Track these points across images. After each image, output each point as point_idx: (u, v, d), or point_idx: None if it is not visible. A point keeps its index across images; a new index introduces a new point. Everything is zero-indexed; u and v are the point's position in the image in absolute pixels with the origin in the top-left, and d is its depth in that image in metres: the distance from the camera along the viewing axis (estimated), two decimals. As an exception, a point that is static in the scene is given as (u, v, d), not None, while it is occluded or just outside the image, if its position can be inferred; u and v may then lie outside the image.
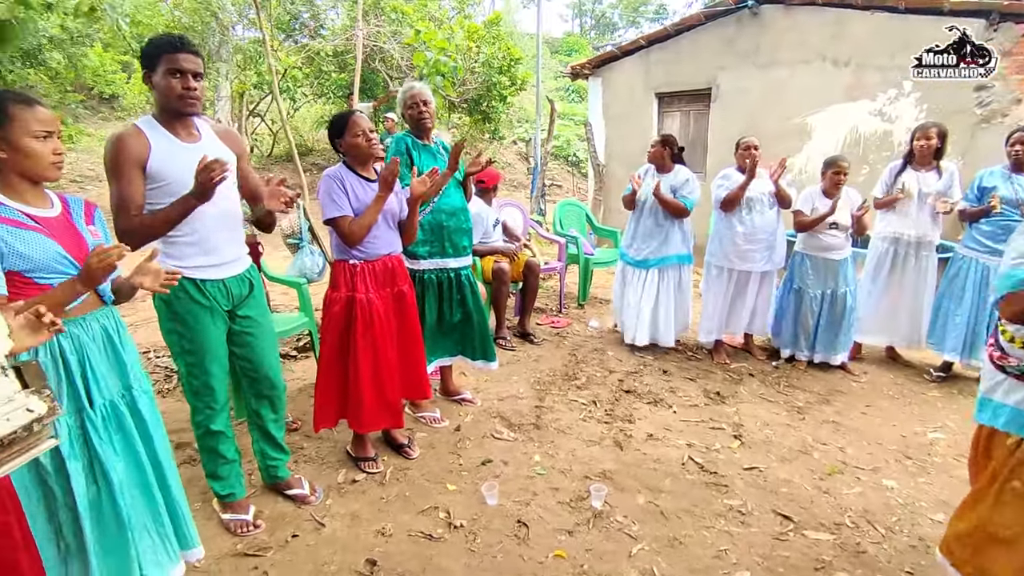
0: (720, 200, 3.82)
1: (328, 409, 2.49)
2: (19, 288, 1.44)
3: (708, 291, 4.08)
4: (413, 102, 2.89)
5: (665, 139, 4.00)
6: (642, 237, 4.07)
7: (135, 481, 1.64)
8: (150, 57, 1.87)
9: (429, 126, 2.95)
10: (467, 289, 3.05)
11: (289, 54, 8.89)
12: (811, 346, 3.92)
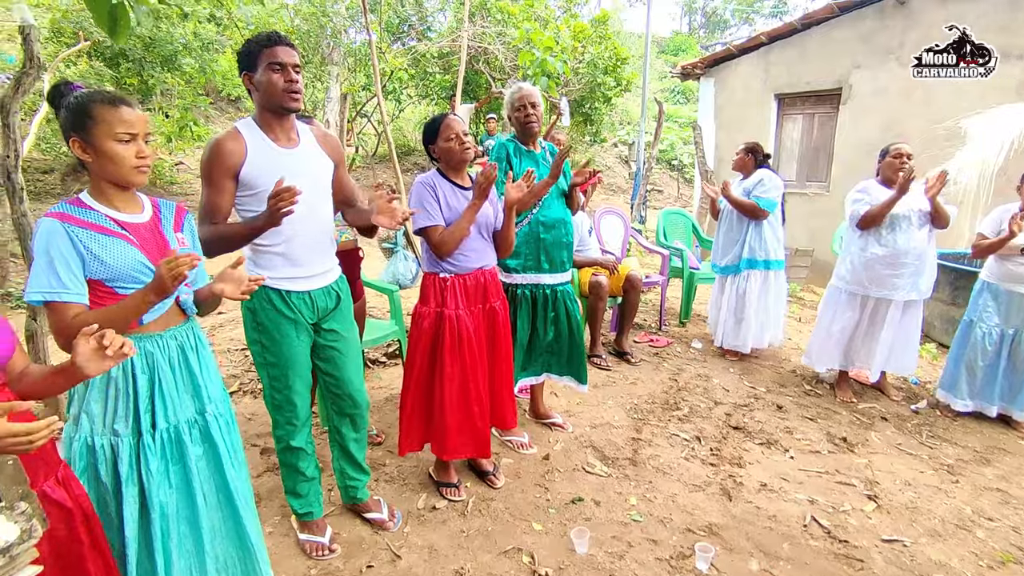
0: (858, 217, 3.32)
1: (414, 432, 2.36)
2: (101, 298, 1.39)
3: (830, 316, 3.56)
4: (521, 104, 2.70)
5: (750, 147, 4.02)
6: (724, 243, 4.10)
7: (185, 516, 1.53)
8: (249, 56, 1.80)
9: (536, 130, 2.75)
10: (562, 307, 2.82)
11: (396, 56, 9.09)
12: (973, 393, 3.31)
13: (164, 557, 1.47)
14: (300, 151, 1.93)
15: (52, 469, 1.24)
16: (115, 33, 1.02)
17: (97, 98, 1.37)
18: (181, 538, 1.52)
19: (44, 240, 1.32)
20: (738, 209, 3.95)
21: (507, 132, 10.50)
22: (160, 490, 1.46)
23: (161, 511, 1.46)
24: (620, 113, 15.81)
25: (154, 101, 9.42)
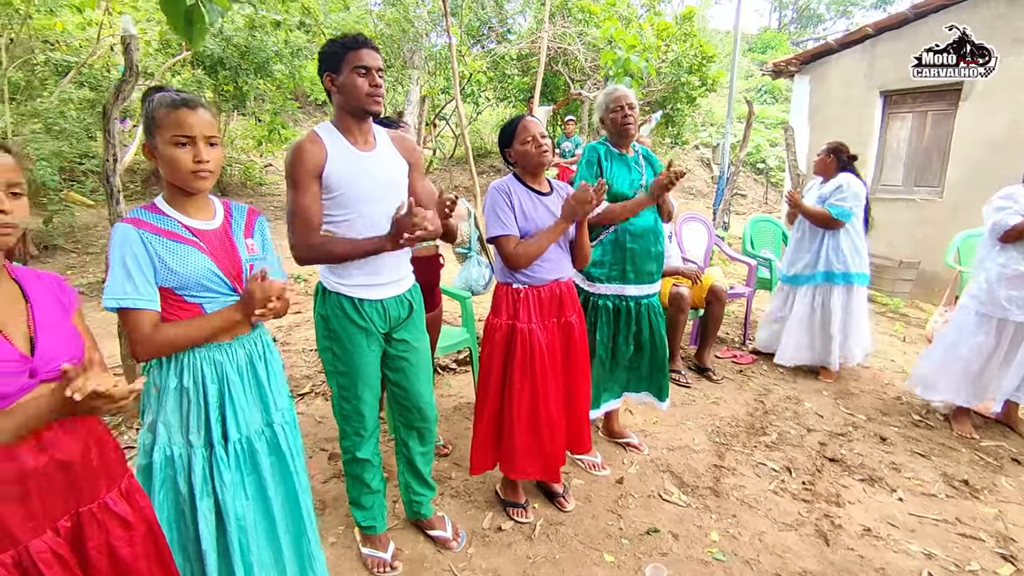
0: (1004, 228, 2.88)
1: (485, 451, 2.25)
2: (172, 305, 1.37)
3: (954, 339, 3.14)
4: (618, 105, 2.54)
5: (833, 147, 3.74)
6: (795, 250, 3.90)
7: (263, 528, 1.50)
8: (333, 57, 1.76)
9: (632, 133, 2.59)
10: (646, 320, 2.64)
11: (475, 59, 9.13)
12: None
13: (245, 571, 1.44)
14: (377, 154, 1.88)
15: (115, 480, 1.22)
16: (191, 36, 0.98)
17: (162, 102, 1.36)
18: (260, 550, 1.49)
19: (119, 246, 1.32)
20: (809, 219, 3.72)
21: (585, 135, 10.35)
22: (236, 502, 1.43)
23: (239, 524, 1.43)
24: (704, 114, 15.20)
25: (249, 107, 9.96)
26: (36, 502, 1.07)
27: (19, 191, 1.07)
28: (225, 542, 1.42)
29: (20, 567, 1.04)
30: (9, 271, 1.15)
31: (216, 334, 1.39)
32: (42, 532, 1.08)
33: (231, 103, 9.18)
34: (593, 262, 2.56)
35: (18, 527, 1.04)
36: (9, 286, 1.12)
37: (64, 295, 1.22)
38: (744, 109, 8.73)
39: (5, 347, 1.03)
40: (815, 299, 3.79)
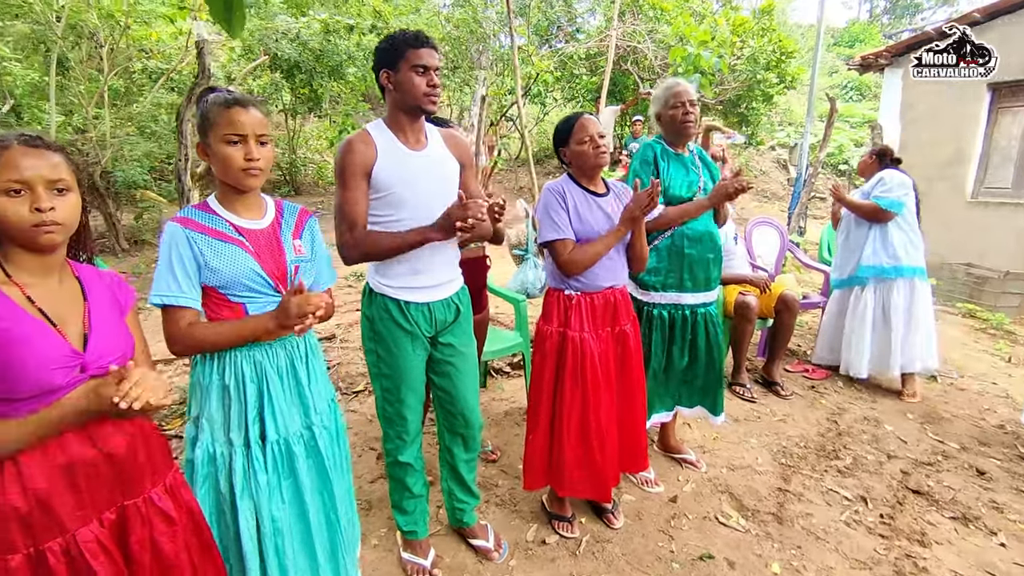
0: None
1: (538, 467, 2.16)
2: (216, 303, 1.39)
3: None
4: (678, 101, 2.37)
5: (879, 151, 3.67)
6: (843, 253, 3.71)
7: (299, 532, 1.49)
8: (391, 53, 1.73)
9: (692, 132, 2.43)
10: (702, 329, 2.48)
11: (543, 59, 9.06)
12: None
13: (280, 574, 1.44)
14: (428, 153, 1.85)
15: (160, 475, 1.23)
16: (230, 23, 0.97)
17: (215, 101, 1.37)
18: (295, 555, 1.48)
19: (167, 244, 1.34)
20: (856, 213, 3.56)
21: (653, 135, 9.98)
22: (272, 504, 1.43)
23: (274, 527, 1.43)
24: (781, 113, 14.45)
25: (324, 108, 10.35)
26: (84, 493, 1.09)
27: (65, 188, 1.08)
28: (262, 545, 1.42)
29: (68, 555, 1.07)
30: (72, 269, 1.18)
31: (247, 340, 1.39)
32: (89, 522, 1.10)
33: (306, 105, 9.59)
34: (647, 269, 2.42)
35: (67, 516, 1.07)
36: (71, 283, 1.15)
37: (122, 294, 1.24)
38: (826, 107, 8.19)
39: (58, 342, 1.06)
40: (873, 299, 3.55)
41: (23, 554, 1.03)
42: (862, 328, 3.56)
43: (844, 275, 3.70)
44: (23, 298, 1.05)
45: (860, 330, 3.57)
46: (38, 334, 1.04)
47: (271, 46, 7.42)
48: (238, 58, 8.18)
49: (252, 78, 8.33)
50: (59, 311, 1.09)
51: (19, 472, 1.03)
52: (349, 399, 3.41)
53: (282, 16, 8.01)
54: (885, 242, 3.48)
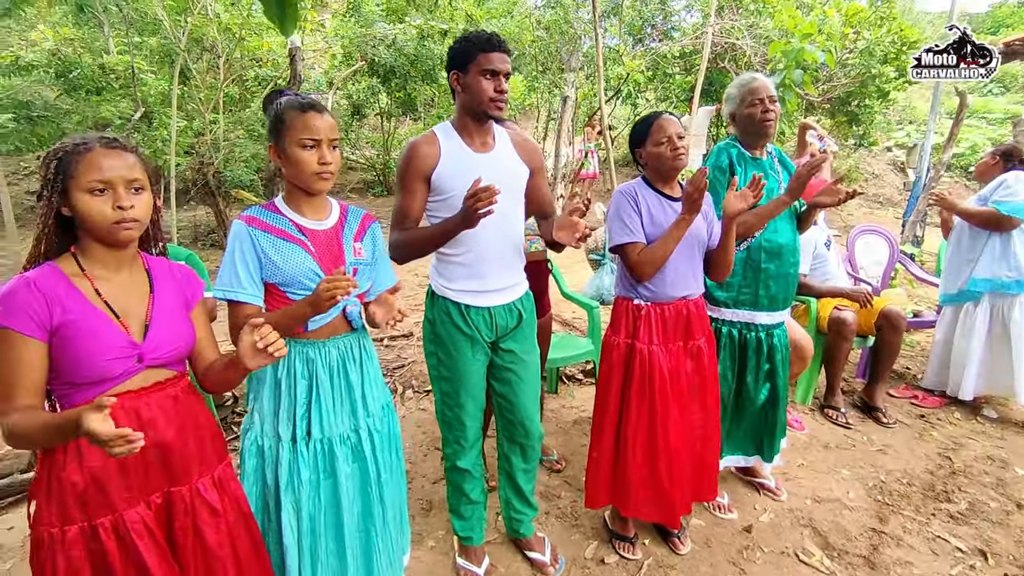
0: None
1: (600, 484, 2.07)
2: (276, 300, 1.43)
3: None
4: (756, 98, 2.17)
5: (1004, 150, 3.25)
6: (952, 265, 3.34)
7: (332, 536, 1.49)
8: (463, 55, 1.72)
9: (771, 132, 2.22)
10: (780, 357, 2.28)
11: (635, 59, 8.83)
12: None
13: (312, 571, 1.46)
14: (494, 155, 1.82)
15: (209, 466, 1.28)
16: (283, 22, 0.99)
17: (290, 104, 1.41)
18: (328, 556, 1.49)
19: (233, 241, 1.40)
20: (972, 221, 3.19)
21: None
22: (310, 502, 1.45)
23: (311, 526, 1.45)
24: (899, 110, 13.19)
25: (418, 111, 10.69)
26: (132, 475, 1.16)
27: (140, 187, 1.15)
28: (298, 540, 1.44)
29: (117, 533, 1.13)
30: (143, 261, 1.25)
31: (290, 325, 1.38)
32: (136, 504, 1.16)
33: (401, 108, 9.95)
34: (719, 283, 2.26)
35: (117, 496, 1.14)
36: (140, 276, 1.23)
37: (189, 288, 1.31)
38: (954, 102, 7.35)
39: (118, 334, 1.13)
40: (989, 315, 3.15)
41: (78, 527, 1.11)
42: (973, 348, 3.16)
43: (954, 290, 3.31)
44: (92, 291, 1.13)
45: (970, 350, 3.18)
46: (101, 326, 1.11)
47: (369, 52, 7.76)
48: (339, 64, 8.63)
49: (351, 83, 8.75)
50: (124, 303, 1.16)
51: (79, 452, 1.11)
52: (421, 397, 3.47)
53: (380, 23, 8.36)
54: (1006, 252, 3.08)
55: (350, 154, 10.79)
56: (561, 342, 3.22)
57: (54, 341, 1.08)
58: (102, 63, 7.24)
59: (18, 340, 1.05)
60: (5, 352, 1.05)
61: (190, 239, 7.85)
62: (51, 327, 1.07)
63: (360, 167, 11.03)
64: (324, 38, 8.89)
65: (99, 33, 7.68)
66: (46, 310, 1.06)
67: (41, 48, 7.79)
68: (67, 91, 7.51)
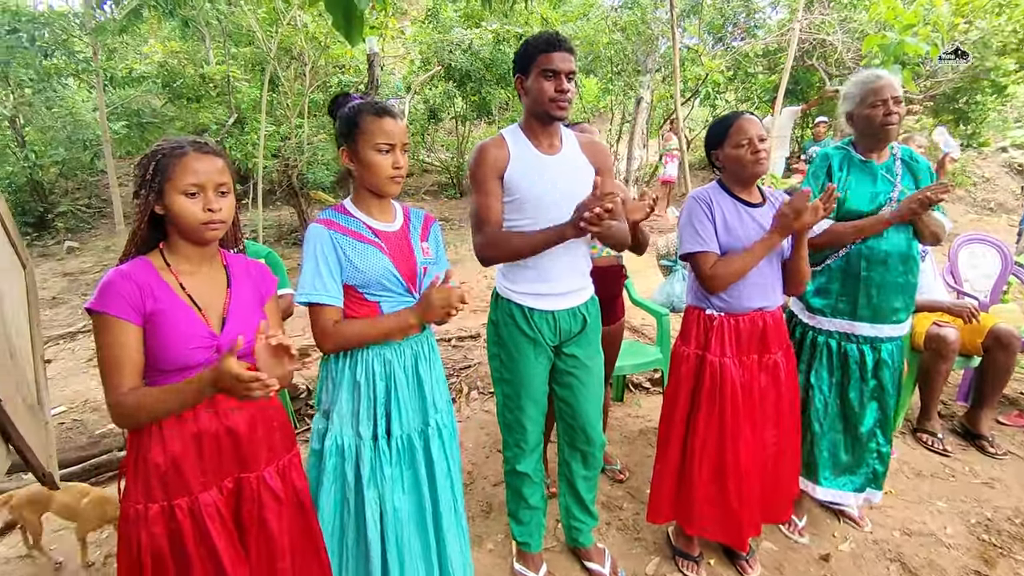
0: None
1: (664, 499, 2.00)
2: (353, 302, 1.47)
3: None
4: (879, 99, 1.95)
5: None
6: None
7: (414, 520, 1.53)
8: (525, 59, 1.72)
9: (893, 135, 2.02)
10: (888, 373, 2.07)
11: (714, 58, 8.51)
12: None
13: (399, 561, 1.49)
14: (561, 157, 1.80)
15: (276, 457, 1.33)
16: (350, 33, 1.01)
17: (364, 109, 1.44)
18: (411, 541, 1.52)
19: (312, 245, 1.44)
20: None
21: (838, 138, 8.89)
22: (395, 495, 1.48)
23: (395, 516, 1.49)
24: (1018, 107, 11.97)
25: (492, 115, 10.81)
26: (207, 460, 1.22)
27: (226, 190, 1.21)
28: (383, 531, 1.47)
29: (192, 514, 1.20)
30: (223, 258, 1.32)
31: (391, 334, 1.45)
32: (209, 488, 1.22)
33: (475, 112, 10.09)
34: (816, 289, 2.09)
35: (193, 479, 1.20)
36: (219, 273, 1.29)
37: (263, 283, 1.37)
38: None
39: (200, 325, 1.19)
40: None
41: (159, 505, 1.18)
42: None
43: None
44: (177, 285, 1.20)
45: None
46: (185, 317, 1.17)
47: (446, 57, 7.93)
48: (417, 70, 8.88)
49: (428, 88, 8.97)
50: (205, 297, 1.22)
51: (161, 435, 1.17)
52: (485, 399, 3.48)
53: (458, 29, 8.52)
54: None
55: (425, 157, 11.06)
56: (628, 349, 3.13)
57: (147, 328, 1.15)
58: (202, 73, 7.80)
59: (118, 325, 1.12)
60: (107, 337, 1.13)
61: (274, 237, 8.29)
62: (145, 314, 1.14)
63: (434, 170, 11.29)
64: (403, 44, 9.16)
65: (201, 45, 8.28)
66: (140, 298, 1.14)
67: (151, 61, 8.50)
68: (171, 99, 8.15)
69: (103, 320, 1.12)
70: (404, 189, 9.12)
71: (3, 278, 1.32)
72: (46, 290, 6.51)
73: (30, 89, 8.02)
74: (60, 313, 5.78)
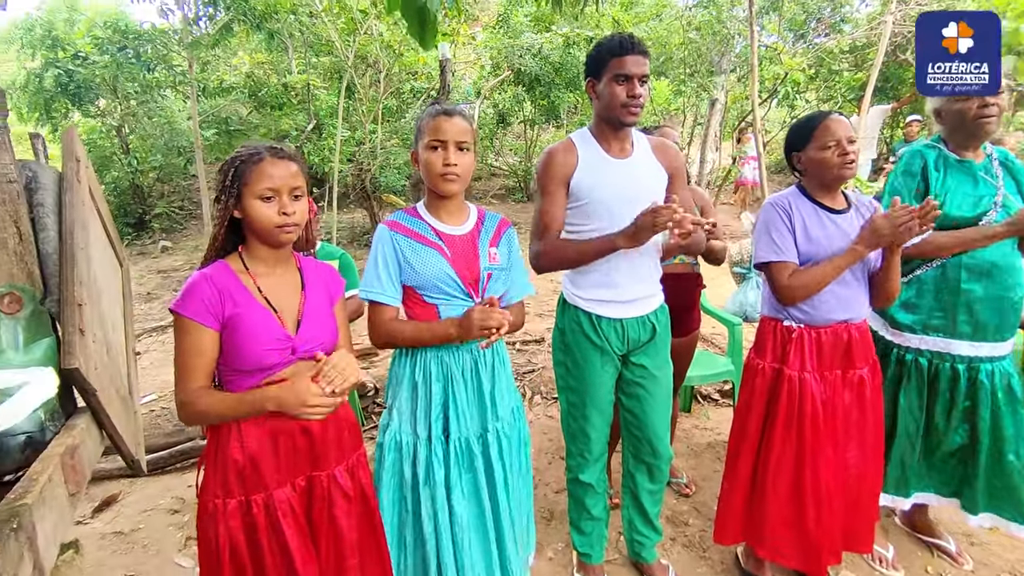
0: None
1: (732, 520, 1.89)
2: (413, 302, 1.49)
3: None
4: None
5: None
6: None
7: (476, 527, 1.52)
8: (596, 62, 1.69)
9: (990, 131, 1.83)
10: (987, 396, 1.86)
11: (795, 56, 8.11)
12: None
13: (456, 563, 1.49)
14: (632, 162, 1.76)
15: (345, 456, 1.36)
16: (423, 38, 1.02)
17: (429, 111, 1.46)
18: (471, 547, 1.52)
19: (376, 245, 1.48)
20: None
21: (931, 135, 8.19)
22: (454, 497, 1.49)
23: (453, 519, 1.49)
24: None
25: (561, 119, 10.78)
26: (283, 458, 1.26)
27: (300, 194, 1.25)
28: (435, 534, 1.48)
29: (267, 510, 1.24)
30: (296, 260, 1.36)
31: (434, 341, 1.45)
32: (284, 485, 1.26)
33: (544, 116, 10.10)
34: (902, 303, 1.92)
35: (268, 476, 1.24)
36: (293, 274, 1.34)
37: (333, 285, 1.40)
38: None
39: (276, 327, 1.23)
40: None
41: (237, 500, 1.22)
42: None
43: None
44: (255, 287, 1.24)
45: None
46: (262, 319, 1.21)
47: (516, 62, 7.97)
48: (487, 75, 8.97)
49: (497, 92, 9.05)
50: (281, 299, 1.26)
51: (240, 432, 1.22)
52: (549, 404, 3.45)
53: (528, 33, 8.55)
54: None
55: (493, 160, 11.16)
56: (698, 359, 3.01)
57: (224, 331, 1.20)
58: (285, 82, 8.22)
59: (195, 328, 1.18)
60: (185, 339, 1.19)
61: (347, 239, 8.61)
62: (223, 318, 1.19)
63: (502, 173, 11.38)
64: (474, 50, 9.29)
65: (284, 56, 8.73)
66: (219, 302, 1.19)
67: (239, 72, 9.04)
68: (256, 107, 8.63)
69: (183, 322, 1.18)
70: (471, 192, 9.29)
71: (103, 277, 1.42)
72: (142, 286, 7.05)
73: (135, 100, 8.73)
74: (154, 307, 6.24)
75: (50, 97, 8.10)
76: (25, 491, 0.84)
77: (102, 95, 8.60)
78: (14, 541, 0.73)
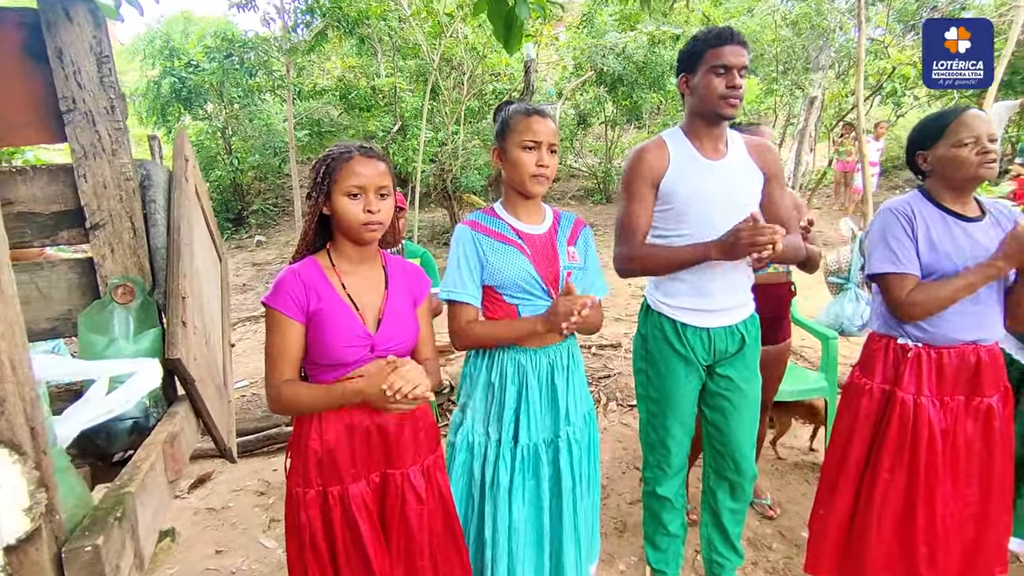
0: None
1: (827, 550, 1.73)
2: (492, 302, 1.47)
3: None
4: None
5: None
6: None
7: (532, 533, 1.48)
8: (691, 56, 1.60)
9: None
10: None
11: (903, 50, 7.47)
12: None
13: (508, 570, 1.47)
14: (726, 163, 1.65)
15: (421, 456, 1.35)
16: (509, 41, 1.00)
17: (517, 109, 1.44)
18: (525, 554, 1.49)
19: (457, 244, 1.47)
20: None
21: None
22: (513, 504, 1.46)
23: (510, 523, 1.46)
24: None
25: (643, 119, 10.55)
26: (357, 453, 1.27)
27: (386, 193, 1.26)
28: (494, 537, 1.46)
29: (342, 502, 1.26)
30: (382, 258, 1.38)
31: (519, 338, 1.43)
32: (358, 480, 1.27)
33: (626, 116, 9.91)
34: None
35: (344, 470, 1.26)
36: (378, 272, 1.35)
37: (417, 286, 1.40)
38: None
39: (357, 323, 1.24)
40: None
41: (315, 490, 1.25)
42: None
43: None
44: (339, 284, 1.26)
45: None
46: (344, 316, 1.23)
47: (599, 62, 7.86)
48: (569, 76, 8.92)
49: (579, 93, 8.97)
50: (363, 297, 1.27)
51: (320, 424, 1.25)
52: (624, 411, 3.35)
53: (612, 33, 8.41)
54: None
55: (572, 162, 11.08)
56: (788, 373, 2.81)
57: (309, 325, 1.23)
58: (373, 85, 8.54)
59: (284, 321, 1.21)
60: (274, 330, 1.23)
61: (427, 237, 8.81)
62: (308, 312, 1.22)
63: (581, 175, 11.28)
64: (556, 50, 9.25)
65: (373, 60, 9.08)
66: (305, 297, 1.21)
67: (331, 76, 9.49)
68: (346, 109, 9.02)
69: (273, 315, 1.22)
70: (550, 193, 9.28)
71: (205, 271, 1.49)
72: (238, 278, 7.53)
73: (238, 104, 9.37)
74: (248, 298, 6.65)
75: (166, 102, 8.86)
76: (130, 478, 0.88)
77: (210, 99, 9.31)
78: (118, 529, 0.76)
